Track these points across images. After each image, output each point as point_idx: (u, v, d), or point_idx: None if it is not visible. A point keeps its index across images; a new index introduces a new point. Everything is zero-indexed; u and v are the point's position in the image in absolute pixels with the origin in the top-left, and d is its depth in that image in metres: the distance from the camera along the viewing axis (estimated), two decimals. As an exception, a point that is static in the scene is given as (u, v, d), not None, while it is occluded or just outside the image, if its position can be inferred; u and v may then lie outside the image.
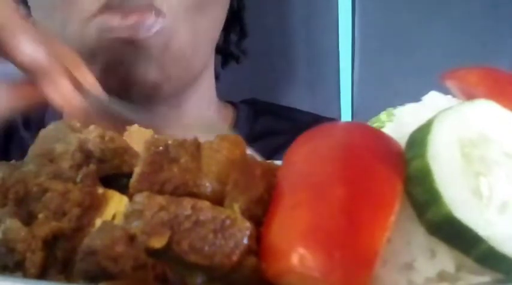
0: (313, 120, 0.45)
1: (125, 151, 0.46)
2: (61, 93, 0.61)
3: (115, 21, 0.73)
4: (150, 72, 0.77)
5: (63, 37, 0.79)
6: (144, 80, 0.77)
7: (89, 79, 0.64)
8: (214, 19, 0.85)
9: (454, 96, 0.47)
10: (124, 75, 0.77)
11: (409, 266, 0.38)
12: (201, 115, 0.91)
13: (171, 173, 0.41)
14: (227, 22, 1.02)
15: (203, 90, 0.91)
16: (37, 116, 0.94)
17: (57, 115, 0.92)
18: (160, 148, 0.42)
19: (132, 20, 0.73)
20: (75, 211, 0.41)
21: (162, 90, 0.80)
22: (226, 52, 1.06)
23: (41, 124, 0.91)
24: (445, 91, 0.48)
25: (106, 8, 0.73)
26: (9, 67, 0.61)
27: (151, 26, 0.74)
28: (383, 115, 0.51)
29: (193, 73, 0.85)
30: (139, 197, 0.39)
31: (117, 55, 0.76)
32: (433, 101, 0.47)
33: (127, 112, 0.65)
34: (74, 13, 0.75)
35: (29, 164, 0.45)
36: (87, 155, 0.45)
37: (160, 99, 0.84)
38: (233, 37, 1.05)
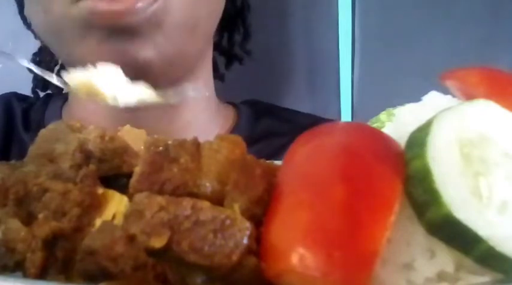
0: (314, 122, 0.45)
1: (125, 151, 0.46)
2: None
3: (101, 5, 0.71)
4: (143, 50, 0.76)
5: (48, 21, 0.78)
6: (137, 58, 0.76)
7: None
8: (213, 2, 0.84)
9: (454, 96, 0.47)
10: (115, 54, 0.75)
11: (408, 266, 0.38)
12: (198, 115, 0.91)
13: (171, 173, 0.41)
14: (231, 22, 1.02)
15: (201, 87, 0.90)
16: (36, 116, 0.94)
17: (57, 115, 0.93)
18: (160, 148, 0.42)
19: (119, 5, 0.71)
20: (75, 211, 0.41)
21: (154, 68, 0.78)
22: (230, 54, 1.05)
23: (41, 125, 0.91)
24: (445, 91, 0.48)
25: None
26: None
27: (142, 9, 0.72)
28: (383, 115, 0.51)
29: (189, 55, 0.84)
30: (139, 197, 0.39)
31: (106, 36, 0.74)
32: (433, 101, 0.47)
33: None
34: None
35: (29, 164, 0.45)
36: (87, 155, 0.45)
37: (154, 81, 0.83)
38: (237, 38, 1.05)
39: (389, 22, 1.16)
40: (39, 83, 1.03)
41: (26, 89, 1.02)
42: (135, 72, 0.77)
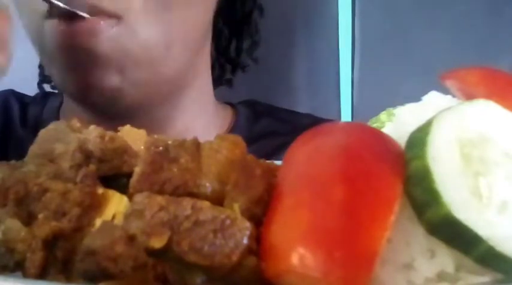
0: (313, 122, 0.45)
1: (125, 151, 0.46)
2: None
3: (61, 26, 0.70)
4: (107, 77, 0.73)
5: (32, 36, 0.78)
6: (101, 85, 0.74)
7: None
8: (188, 19, 0.80)
9: (454, 96, 0.47)
10: (80, 79, 0.74)
11: (408, 266, 0.38)
12: (197, 119, 0.91)
13: (171, 173, 0.41)
14: (239, 29, 1.00)
15: (196, 95, 0.89)
16: (34, 114, 0.94)
17: (55, 112, 0.93)
18: (160, 148, 0.42)
19: (79, 26, 0.69)
20: (75, 211, 0.41)
21: (125, 96, 0.76)
22: (237, 61, 1.04)
23: (39, 122, 0.91)
24: (445, 91, 0.48)
25: (56, 10, 0.70)
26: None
27: (102, 30, 0.70)
28: (383, 115, 0.51)
29: (168, 78, 0.81)
30: (139, 197, 0.39)
31: (72, 59, 0.73)
32: (433, 101, 0.47)
33: None
34: (31, 13, 0.74)
35: (29, 165, 0.45)
36: (87, 156, 0.45)
37: (143, 106, 0.81)
38: (245, 45, 1.03)
39: (389, 22, 1.16)
40: (46, 78, 1.03)
41: (25, 89, 1.02)
42: (104, 98, 0.75)
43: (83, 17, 0.69)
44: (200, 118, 0.91)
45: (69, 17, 0.69)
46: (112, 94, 0.75)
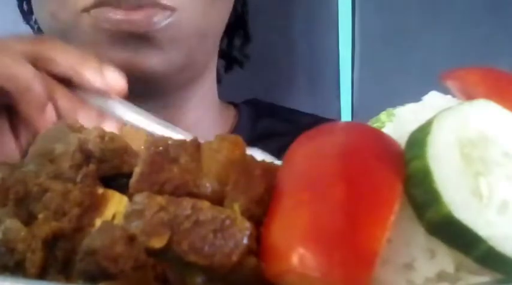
0: (315, 122, 0.45)
1: (125, 151, 0.46)
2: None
3: (117, 15, 0.73)
4: (154, 61, 0.77)
5: (54, 29, 0.79)
6: (146, 69, 0.77)
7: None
8: (223, 10, 0.86)
9: (454, 96, 0.47)
10: (124, 60, 0.76)
11: (408, 266, 0.38)
12: (201, 117, 0.91)
13: (171, 174, 0.41)
14: (231, 27, 1.02)
15: (204, 92, 0.91)
16: None
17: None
18: (160, 148, 0.42)
19: (137, 15, 0.73)
20: (75, 211, 0.41)
21: (159, 76, 0.80)
22: (230, 57, 1.06)
23: None
24: (445, 91, 0.48)
25: (104, 2, 0.73)
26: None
27: (158, 22, 0.74)
28: (383, 115, 0.51)
29: (198, 62, 0.85)
30: (139, 197, 0.39)
31: (116, 46, 0.75)
32: (433, 101, 0.47)
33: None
34: (67, 4, 0.75)
35: (29, 164, 0.45)
36: (87, 156, 0.45)
37: (160, 94, 0.84)
38: (236, 41, 1.05)
39: (389, 22, 1.16)
40: None
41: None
42: (140, 79, 0.77)
43: (141, 7, 0.73)
44: (205, 115, 0.92)
45: (127, 6, 0.73)
46: (151, 75, 0.79)
